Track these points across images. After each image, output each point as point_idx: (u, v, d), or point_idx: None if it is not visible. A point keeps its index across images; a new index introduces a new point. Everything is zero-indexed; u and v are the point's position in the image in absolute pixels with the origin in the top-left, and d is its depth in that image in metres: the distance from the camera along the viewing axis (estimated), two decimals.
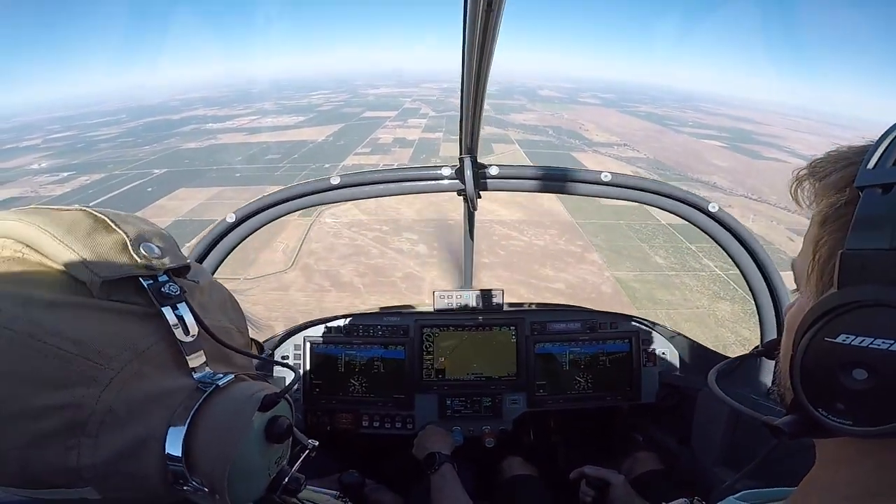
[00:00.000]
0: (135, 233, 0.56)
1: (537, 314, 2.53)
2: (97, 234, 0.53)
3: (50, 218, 0.52)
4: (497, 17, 0.89)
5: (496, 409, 2.44)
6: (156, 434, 0.52)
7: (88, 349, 0.48)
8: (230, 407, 0.56)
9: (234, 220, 1.83)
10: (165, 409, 0.53)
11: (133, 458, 0.51)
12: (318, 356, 2.47)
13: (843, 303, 0.43)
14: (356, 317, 2.54)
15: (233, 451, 0.54)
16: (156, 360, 0.53)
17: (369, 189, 1.86)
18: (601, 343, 2.49)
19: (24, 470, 0.48)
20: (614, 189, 1.84)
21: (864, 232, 0.42)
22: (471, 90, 1.17)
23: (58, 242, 0.50)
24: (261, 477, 0.60)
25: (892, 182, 0.41)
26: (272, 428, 0.59)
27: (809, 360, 0.45)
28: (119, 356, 0.50)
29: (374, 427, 2.42)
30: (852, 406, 0.43)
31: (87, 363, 0.48)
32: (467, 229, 2.60)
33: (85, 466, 0.49)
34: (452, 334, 2.48)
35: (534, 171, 1.79)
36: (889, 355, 0.40)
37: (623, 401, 2.46)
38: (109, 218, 0.56)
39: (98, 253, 0.51)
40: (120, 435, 0.50)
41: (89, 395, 0.48)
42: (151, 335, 0.54)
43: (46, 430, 0.46)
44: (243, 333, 0.72)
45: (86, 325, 0.49)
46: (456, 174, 1.76)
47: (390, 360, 2.45)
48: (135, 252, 0.54)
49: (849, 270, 0.43)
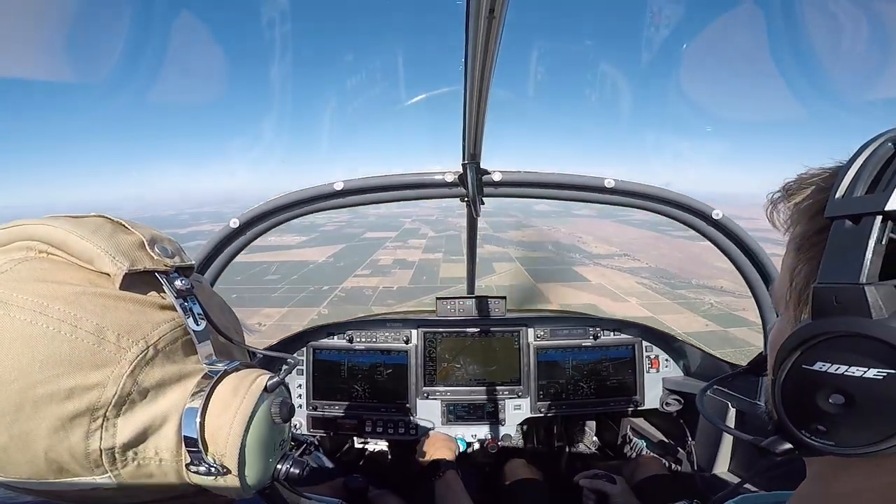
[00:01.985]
0: (149, 235, 0.62)
1: (540, 320, 2.53)
2: (118, 234, 0.59)
3: (75, 223, 0.58)
4: (499, 23, 0.89)
5: (499, 414, 2.44)
6: (172, 415, 0.57)
7: (112, 334, 0.53)
8: (240, 388, 0.60)
9: (237, 226, 1.84)
10: (181, 392, 0.58)
11: (150, 439, 0.56)
12: (320, 362, 2.47)
13: (818, 333, 0.44)
14: (359, 323, 2.54)
15: (242, 427, 0.58)
16: (170, 347, 0.58)
17: (372, 196, 1.86)
18: (604, 349, 2.49)
19: (48, 456, 0.51)
20: (618, 196, 1.84)
21: (835, 264, 0.43)
22: (474, 96, 1.17)
23: (86, 241, 0.56)
24: (268, 458, 0.63)
25: (861, 213, 0.42)
26: (277, 409, 0.63)
27: (789, 385, 0.48)
28: (138, 341, 0.55)
29: (376, 433, 2.42)
30: (833, 428, 0.45)
31: (112, 346, 0.52)
32: (470, 235, 2.60)
33: (106, 448, 0.53)
34: (455, 340, 2.47)
35: (537, 177, 1.79)
36: (863, 382, 0.41)
37: (626, 406, 2.46)
38: (125, 222, 0.62)
39: (121, 249, 0.57)
40: (139, 416, 0.54)
41: (113, 377, 0.52)
42: (165, 324, 0.58)
43: (73, 411, 0.50)
44: (239, 334, 0.77)
45: (110, 312, 0.54)
46: (459, 180, 1.76)
47: (393, 366, 2.45)
48: (150, 250, 0.60)
49: (822, 303, 0.44)
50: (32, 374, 0.49)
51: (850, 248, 0.42)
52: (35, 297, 0.51)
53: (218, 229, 1.87)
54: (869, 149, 0.45)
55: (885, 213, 0.41)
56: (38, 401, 0.49)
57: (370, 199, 1.88)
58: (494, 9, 0.83)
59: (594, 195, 1.83)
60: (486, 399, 2.44)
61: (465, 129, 1.43)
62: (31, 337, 0.49)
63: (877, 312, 0.40)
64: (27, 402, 0.49)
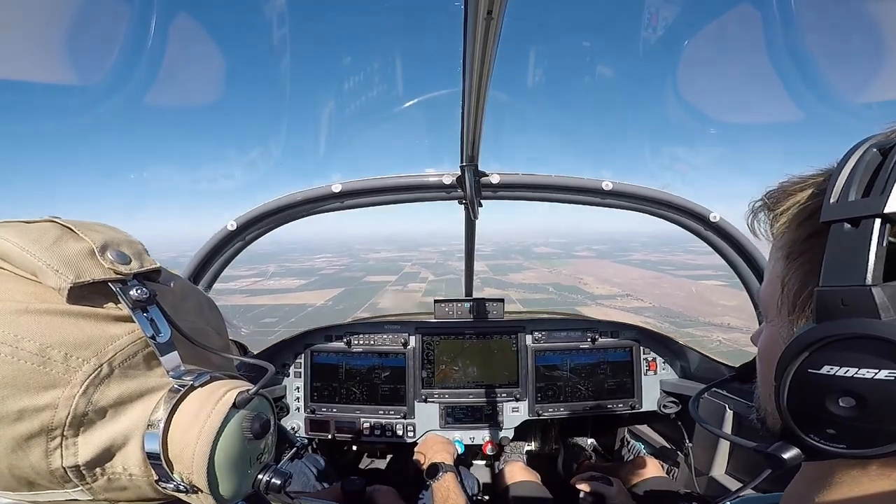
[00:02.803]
0: (101, 240, 0.57)
1: (538, 323, 2.53)
2: (63, 242, 0.54)
3: (17, 230, 0.53)
4: (497, 24, 0.89)
5: (497, 417, 2.43)
6: (134, 433, 0.54)
7: (58, 353, 0.49)
8: (206, 404, 0.57)
9: (234, 228, 1.83)
10: (142, 408, 0.55)
11: (116, 457, 0.53)
12: (318, 364, 2.46)
13: (825, 336, 0.44)
14: (357, 325, 2.54)
15: (208, 447, 0.55)
16: (128, 362, 0.54)
17: (370, 198, 1.86)
18: (602, 351, 2.49)
19: (13, 473, 0.50)
20: (616, 199, 1.84)
21: (837, 269, 0.43)
22: (472, 98, 1.17)
23: (26, 253, 0.51)
24: (243, 474, 0.60)
25: (860, 216, 0.42)
26: (249, 424, 0.59)
27: (795, 390, 0.47)
28: (90, 359, 0.51)
29: (375, 435, 2.41)
30: (843, 431, 0.44)
31: (60, 366, 0.49)
32: (468, 238, 2.60)
33: (69, 467, 0.51)
34: (453, 343, 2.47)
35: (535, 180, 1.79)
36: (875, 383, 0.41)
37: (624, 409, 2.45)
38: (76, 227, 0.57)
39: (65, 260, 0.52)
40: (99, 435, 0.52)
41: (64, 398, 0.49)
42: (123, 337, 0.54)
43: (26, 432, 0.48)
44: (222, 335, 0.73)
45: (56, 330, 0.50)
46: (457, 182, 1.76)
47: (391, 369, 2.45)
48: (101, 258, 0.55)
49: (827, 306, 0.44)
50: None
51: (853, 250, 0.42)
52: None
53: None
54: (856, 154, 0.46)
55: (885, 216, 0.41)
56: None
57: (368, 202, 1.88)
58: (492, 10, 0.83)
59: (592, 198, 1.84)
60: (485, 402, 2.44)
61: (463, 132, 1.43)
62: None
63: (885, 313, 0.40)
64: None
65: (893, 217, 0.41)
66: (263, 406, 0.64)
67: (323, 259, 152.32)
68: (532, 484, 2.14)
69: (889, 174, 0.42)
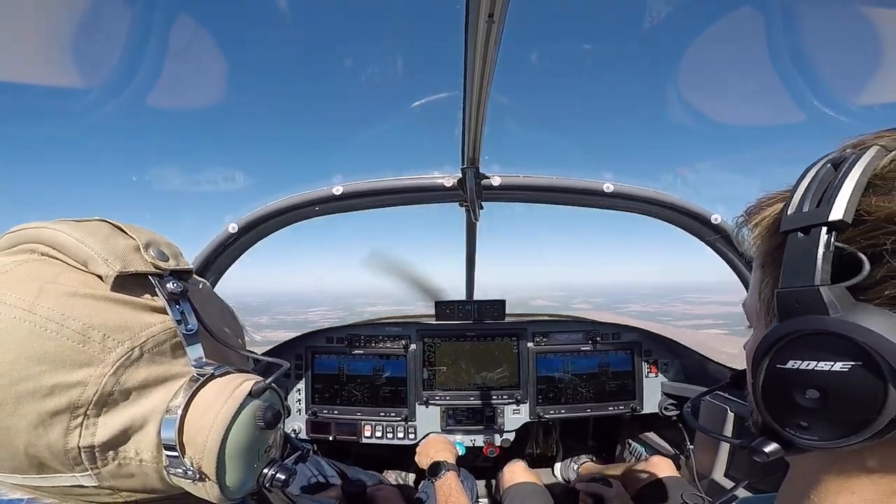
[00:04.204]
0: (146, 239, 0.63)
1: (539, 324, 2.53)
2: (114, 238, 0.61)
3: (73, 226, 0.60)
4: (499, 27, 0.89)
5: (498, 419, 2.43)
6: (153, 416, 0.57)
7: (97, 334, 0.54)
8: (223, 392, 0.60)
9: (235, 231, 1.83)
10: (164, 393, 0.59)
11: (131, 440, 0.57)
12: (319, 366, 2.47)
13: (785, 333, 0.48)
14: (358, 327, 2.54)
15: (222, 431, 0.58)
16: (157, 348, 0.59)
17: (372, 200, 1.86)
18: (603, 354, 2.49)
19: (27, 452, 0.53)
20: (617, 201, 1.84)
21: (793, 272, 0.49)
22: (473, 101, 1.17)
23: (81, 244, 0.58)
24: (249, 466, 0.63)
25: (809, 225, 0.47)
26: (262, 413, 0.62)
27: (768, 385, 0.51)
28: (125, 342, 0.56)
29: (375, 437, 2.41)
30: (813, 423, 0.48)
31: (97, 346, 0.54)
32: (469, 241, 2.60)
33: (84, 447, 0.54)
34: (454, 345, 2.47)
35: (536, 182, 1.79)
36: (832, 375, 0.45)
37: (625, 410, 2.45)
38: (125, 226, 0.63)
39: (114, 252, 0.59)
40: (120, 416, 0.55)
41: (95, 376, 0.53)
42: (156, 325, 0.60)
43: (53, 408, 0.52)
44: (240, 339, 0.78)
45: (98, 313, 0.55)
46: (458, 184, 1.77)
47: (392, 371, 2.45)
48: (145, 253, 0.62)
49: (786, 306, 0.49)
50: (16, 371, 0.50)
51: (803, 255, 0.47)
52: (26, 297, 0.52)
53: None
54: (813, 169, 0.51)
55: (829, 223, 0.46)
56: (20, 397, 0.50)
57: (370, 204, 1.88)
58: (494, 13, 0.84)
59: (593, 199, 1.84)
60: (486, 404, 2.43)
61: (464, 134, 1.43)
62: (18, 334, 0.51)
63: (833, 310, 0.45)
64: (10, 398, 0.50)
65: (838, 224, 0.46)
66: (275, 399, 0.68)
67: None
68: (533, 485, 2.14)
69: (835, 187, 0.47)
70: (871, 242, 0.45)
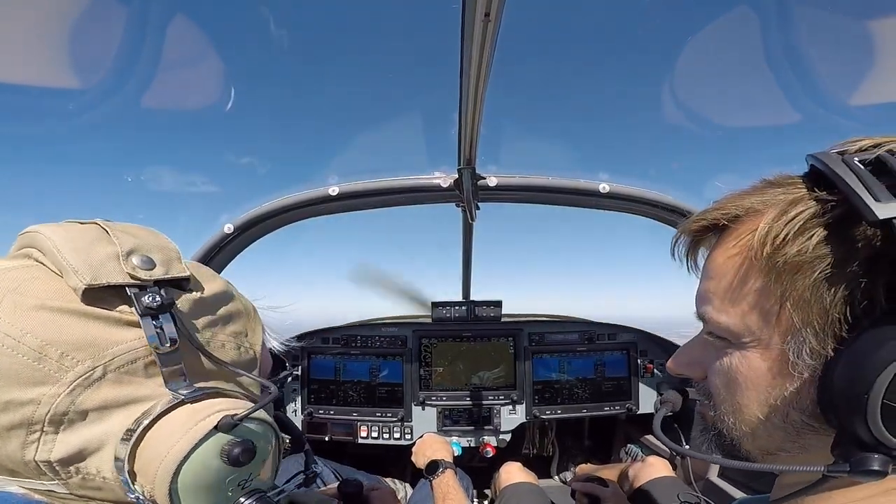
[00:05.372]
0: (131, 245, 0.58)
1: (535, 325, 2.53)
2: (96, 245, 0.56)
3: (64, 230, 0.57)
4: (495, 26, 0.89)
5: (494, 419, 2.43)
6: (110, 439, 0.54)
7: (55, 352, 0.51)
8: (188, 422, 0.55)
9: (231, 231, 1.83)
10: (124, 416, 0.54)
11: (88, 460, 0.54)
12: (316, 366, 2.46)
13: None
14: (354, 327, 2.54)
15: (173, 466, 0.53)
16: (126, 367, 0.55)
17: (368, 200, 1.86)
18: (599, 353, 2.49)
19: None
20: (613, 201, 1.84)
21: None
22: (469, 101, 1.17)
23: (56, 251, 0.54)
24: (217, 499, 0.58)
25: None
26: (229, 449, 0.57)
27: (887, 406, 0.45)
28: (85, 360, 0.52)
29: (372, 438, 2.41)
30: None
31: (53, 364, 0.50)
32: (465, 241, 2.61)
33: (41, 461, 0.52)
34: (451, 345, 2.47)
35: (532, 182, 1.80)
36: None
37: (621, 411, 2.46)
38: (113, 230, 0.59)
39: (90, 262, 0.54)
40: (76, 435, 0.52)
41: (49, 395, 0.50)
42: (126, 343, 0.55)
43: (8, 423, 0.50)
44: (248, 349, 0.70)
45: (61, 329, 0.51)
46: (454, 185, 1.77)
47: (388, 372, 2.44)
48: (124, 262, 0.56)
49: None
50: None
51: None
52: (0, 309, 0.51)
53: None
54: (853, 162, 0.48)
55: None
56: None
57: (366, 204, 1.88)
58: (490, 12, 0.83)
59: (589, 199, 1.84)
60: (482, 404, 2.43)
61: (460, 134, 1.43)
62: None
63: None
64: None
65: None
66: (256, 433, 0.61)
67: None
68: (529, 485, 2.14)
69: None
70: None
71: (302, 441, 0.87)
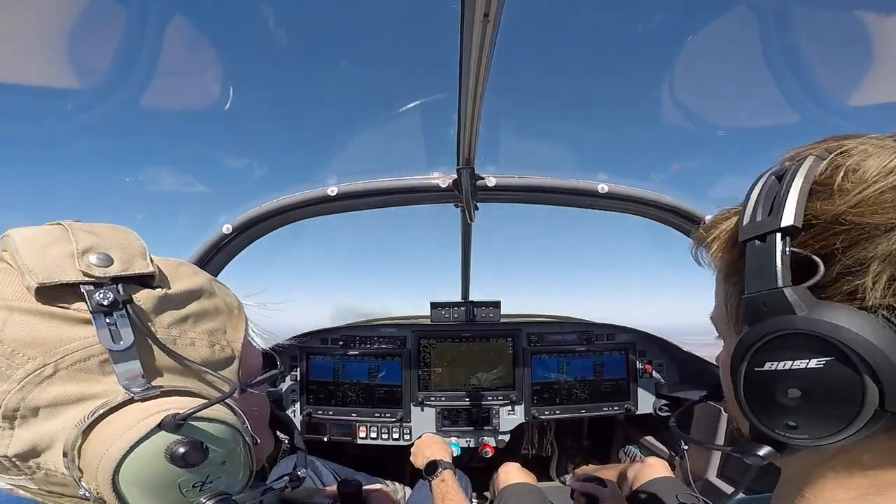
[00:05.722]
0: (89, 243, 0.58)
1: (534, 325, 2.53)
2: (53, 245, 0.57)
3: (30, 232, 0.58)
4: (494, 26, 0.89)
5: (493, 419, 2.43)
6: (59, 436, 0.54)
7: (5, 349, 0.52)
8: (135, 419, 0.55)
9: (230, 231, 1.82)
10: (76, 413, 0.55)
11: (42, 456, 0.55)
12: (315, 367, 2.46)
13: (758, 336, 0.50)
14: (353, 328, 2.54)
15: (112, 463, 0.53)
16: (79, 364, 0.55)
17: (366, 200, 1.86)
18: (598, 354, 2.49)
19: None
20: (612, 201, 1.84)
21: (756, 278, 0.51)
22: (468, 101, 1.17)
23: (16, 254, 0.55)
24: (170, 500, 0.57)
25: (765, 232, 0.50)
26: (172, 449, 0.55)
27: (749, 390, 0.52)
28: (35, 358, 0.53)
29: (371, 438, 2.41)
30: (801, 421, 0.48)
31: (3, 361, 0.52)
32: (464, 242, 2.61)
33: (0, 456, 0.53)
34: (449, 345, 2.47)
35: (531, 182, 1.80)
36: (809, 372, 0.46)
37: (620, 412, 2.46)
38: (73, 229, 0.59)
39: (44, 262, 0.55)
40: (29, 431, 0.53)
41: (0, 391, 0.52)
42: (79, 340, 0.55)
43: None
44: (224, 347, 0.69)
45: (14, 327, 0.52)
46: (453, 185, 1.77)
47: (387, 372, 2.44)
48: (79, 260, 0.56)
49: (753, 310, 0.51)
50: None
51: (763, 262, 0.50)
52: None
53: None
54: (759, 183, 0.54)
55: (783, 230, 0.48)
56: None
57: (365, 205, 1.88)
58: (489, 13, 0.84)
59: (588, 199, 1.84)
60: (481, 405, 2.43)
61: (459, 134, 1.43)
62: None
63: (798, 309, 0.47)
64: None
65: (790, 229, 0.48)
66: (208, 433, 0.59)
67: None
68: (527, 486, 2.14)
69: (782, 196, 0.50)
70: (822, 244, 0.48)
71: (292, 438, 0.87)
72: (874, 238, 0.45)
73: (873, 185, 0.46)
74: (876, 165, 0.47)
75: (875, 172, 0.47)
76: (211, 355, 0.66)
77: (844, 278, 0.46)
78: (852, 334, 0.44)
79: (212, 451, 0.58)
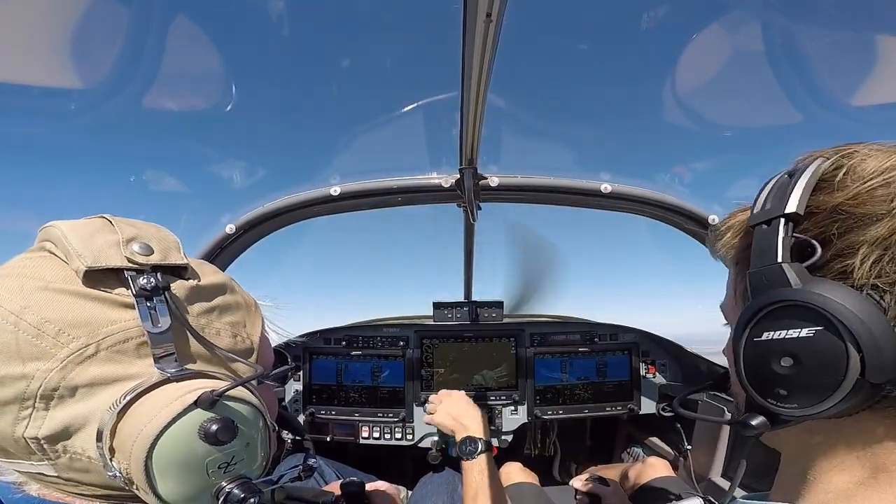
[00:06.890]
0: (132, 233, 0.62)
1: (537, 325, 2.53)
2: (99, 234, 0.61)
3: (74, 223, 0.62)
4: (497, 26, 0.89)
5: (496, 419, 2.43)
6: (94, 416, 0.56)
7: (52, 328, 0.53)
8: (169, 398, 0.56)
9: (233, 231, 1.83)
10: (111, 393, 0.56)
11: (74, 437, 0.56)
12: (317, 367, 2.46)
13: (758, 308, 0.55)
14: (356, 328, 2.54)
15: (148, 441, 0.53)
16: (119, 346, 0.57)
17: (369, 200, 1.86)
18: (601, 354, 2.49)
19: None
20: (615, 201, 1.84)
21: (759, 256, 0.56)
22: (471, 101, 1.17)
23: (63, 238, 0.58)
24: (195, 479, 0.57)
25: (770, 217, 0.56)
26: (206, 426, 0.57)
27: (748, 360, 0.56)
28: (80, 337, 0.55)
29: (373, 438, 2.41)
30: (791, 390, 0.52)
31: (50, 340, 0.53)
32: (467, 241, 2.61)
33: (30, 438, 0.54)
34: (452, 345, 2.47)
35: (534, 182, 1.80)
36: (800, 340, 0.51)
37: (623, 412, 2.45)
38: (117, 222, 0.63)
39: (92, 249, 0.58)
40: (65, 411, 0.54)
41: (42, 370, 0.53)
42: (121, 322, 0.58)
43: (3, 398, 0.53)
44: (244, 339, 0.72)
45: (60, 307, 0.55)
46: (456, 185, 1.77)
47: (390, 372, 2.44)
48: (124, 248, 0.60)
49: (756, 285, 0.56)
50: None
51: (767, 242, 0.55)
52: (4, 292, 0.54)
53: None
54: (773, 179, 0.60)
55: (786, 215, 0.54)
56: None
57: (367, 204, 1.88)
58: (491, 13, 0.84)
59: (591, 199, 1.84)
60: (483, 405, 2.43)
61: (462, 134, 1.43)
62: None
63: (794, 283, 0.52)
64: None
65: (793, 216, 0.54)
66: (238, 413, 0.61)
67: None
68: (530, 486, 2.14)
69: (791, 188, 0.56)
70: (820, 231, 0.54)
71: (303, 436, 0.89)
72: (866, 226, 0.50)
73: (869, 182, 0.52)
74: (873, 166, 0.53)
75: (871, 171, 0.53)
76: (234, 345, 0.70)
77: (837, 259, 0.52)
78: (839, 305, 0.48)
79: (239, 431, 0.60)
